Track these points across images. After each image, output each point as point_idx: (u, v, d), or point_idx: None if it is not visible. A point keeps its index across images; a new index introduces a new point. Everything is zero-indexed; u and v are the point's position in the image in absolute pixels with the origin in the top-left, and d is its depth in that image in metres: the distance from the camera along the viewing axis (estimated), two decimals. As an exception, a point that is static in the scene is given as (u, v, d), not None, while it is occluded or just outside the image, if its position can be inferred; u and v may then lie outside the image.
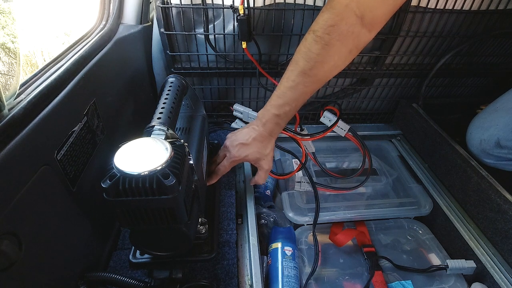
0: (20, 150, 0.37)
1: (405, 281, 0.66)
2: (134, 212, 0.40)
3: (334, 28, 0.50)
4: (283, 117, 0.60)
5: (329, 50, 0.52)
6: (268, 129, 0.61)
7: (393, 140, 1.01)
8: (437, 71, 0.89)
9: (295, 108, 0.60)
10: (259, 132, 0.62)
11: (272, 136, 0.63)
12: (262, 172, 0.65)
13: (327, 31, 0.51)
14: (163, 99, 0.52)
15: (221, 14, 0.75)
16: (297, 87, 0.56)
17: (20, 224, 0.37)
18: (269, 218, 0.74)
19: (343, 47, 0.53)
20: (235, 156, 0.63)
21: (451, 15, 0.78)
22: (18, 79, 0.40)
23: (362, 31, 0.52)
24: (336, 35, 0.51)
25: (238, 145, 0.63)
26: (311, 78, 0.55)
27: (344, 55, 0.54)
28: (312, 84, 0.56)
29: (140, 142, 0.42)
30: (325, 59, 0.53)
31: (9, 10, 0.43)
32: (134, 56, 0.76)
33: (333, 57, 0.53)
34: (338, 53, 0.53)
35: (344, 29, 0.50)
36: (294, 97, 0.57)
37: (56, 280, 0.45)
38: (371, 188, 0.85)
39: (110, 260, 0.57)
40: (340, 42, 0.52)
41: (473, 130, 0.80)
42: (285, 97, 0.57)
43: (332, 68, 0.55)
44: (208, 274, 0.55)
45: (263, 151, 0.63)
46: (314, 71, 0.54)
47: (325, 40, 0.51)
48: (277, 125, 0.61)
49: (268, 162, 0.64)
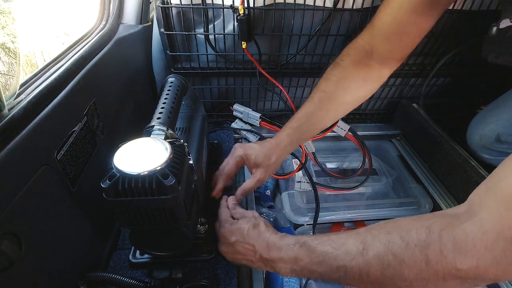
0: (20, 150, 0.37)
1: (405, 281, 0.66)
2: (133, 212, 0.40)
3: (347, 56, 0.60)
4: (295, 130, 0.62)
5: (343, 72, 0.60)
6: (278, 139, 0.63)
7: (393, 140, 1.00)
8: (437, 71, 0.89)
9: (308, 125, 0.61)
10: (269, 141, 0.64)
11: (279, 146, 0.62)
12: (254, 179, 0.62)
13: (343, 58, 0.61)
14: (162, 99, 0.52)
15: (221, 14, 0.75)
16: (312, 101, 0.61)
17: (20, 224, 0.37)
18: (269, 218, 0.74)
19: (355, 72, 0.60)
20: (240, 152, 0.62)
21: (451, 15, 0.78)
22: (18, 79, 0.40)
23: (373, 64, 0.59)
24: (349, 61, 0.60)
25: (246, 145, 0.64)
26: (327, 95, 0.60)
27: (357, 81, 0.60)
28: (327, 101, 0.60)
29: (139, 142, 0.42)
30: (340, 80, 0.60)
31: (9, 10, 0.43)
32: (134, 56, 0.76)
33: (347, 79, 0.60)
34: (352, 76, 0.60)
35: (357, 58, 0.59)
36: (308, 111, 0.61)
37: (56, 280, 0.45)
38: (371, 188, 0.85)
39: (110, 260, 0.57)
40: (354, 67, 0.60)
41: (473, 126, 0.80)
42: (299, 112, 0.62)
43: (347, 90, 0.61)
44: (208, 274, 0.55)
45: (268, 158, 0.61)
46: (330, 87, 0.60)
47: (340, 65, 0.60)
48: (287, 136, 0.62)
49: (265, 172, 0.62)
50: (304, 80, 0.90)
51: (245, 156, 0.62)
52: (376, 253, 0.37)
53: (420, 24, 0.52)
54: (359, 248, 0.38)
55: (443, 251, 0.32)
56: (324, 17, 0.76)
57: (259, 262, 0.47)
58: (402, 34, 0.54)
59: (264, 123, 0.89)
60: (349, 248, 0.39)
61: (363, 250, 0.38)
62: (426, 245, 0.33)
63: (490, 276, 0.31)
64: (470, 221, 0.32)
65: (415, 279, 0.34)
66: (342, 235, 0.42)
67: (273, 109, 0.97)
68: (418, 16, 0.51)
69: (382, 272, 0.36)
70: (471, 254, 0.31)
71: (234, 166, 0.62)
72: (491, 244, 0.30)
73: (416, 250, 0.34)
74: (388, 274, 0.36)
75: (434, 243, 0.33)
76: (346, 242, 0.40)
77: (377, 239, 0.38)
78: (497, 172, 0.33)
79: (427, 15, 0.51)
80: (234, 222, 0.51)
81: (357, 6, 0.75)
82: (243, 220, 0.50)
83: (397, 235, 0.36)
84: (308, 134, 0.64)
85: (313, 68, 0.86)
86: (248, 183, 0.62)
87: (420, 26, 0.53)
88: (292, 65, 0.86)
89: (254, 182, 0.61)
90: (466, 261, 0.31)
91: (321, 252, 0.41)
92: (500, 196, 0.31)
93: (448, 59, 0.86)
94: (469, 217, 0.33)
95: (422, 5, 0.50)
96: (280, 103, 0.95)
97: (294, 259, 0.43)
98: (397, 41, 0.55)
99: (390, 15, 0.53)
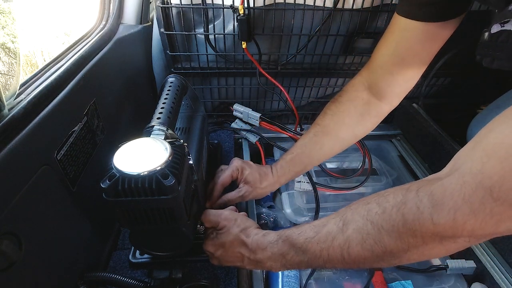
0: (20, 150, 0.37)
1: (405, 281, 0.66)
2: (133, 212, 0.40)
3: (345, 92, 0.62)
4: (288, 162, 0.63)
5: (340, 107, 0.61)
6: (273, 168, 0.64)
7: (393, 140, 1.00)
8: (437, 71, 0.89)
9: (301, 157, 0.62)
10: (267, 167, 0.65)
11: (272, 175, 0.63)
12: (238, 193, 0.62)
13: (340, 94, 0.62)
14: (162, 99, 0.52)
15: (221, 14, 0.75)
16: (308, 134, 0.63)
17: (20, 224, 0.37)
18: (269, 218, 0.74)
19: (352, 107, 0.61)
20: (238, 164, 0.63)
21: (451, 15, 0.78)
22: (18, 79, 0.40)
23: (372, 100, 0.60)
24: (346, 97, 0.61)
25: (245, 160, 0.66)
26: (321, 128, 0.62)
27: (354, 115, 0.61)
28: (322, 135, 0.61)
29: (139, 142, 0.42)
30: (336, 114, 0.61)
31: (9, 10, 0.43)
32: (134, 56, 0.76)
33: (343, 113, 0.61)
34: (348, 111, 0.61)
35: (353, 94, 0.61)
36: (303, 143, 0.63)
37: (56, 280, 0.45)
38: (371, 188, 0.85)
39: (110, 260, 0.57)
40: (350, 102, 0.61)
41: (473, 127, 0.80)
42: (295, 144, 0.64)
43: (342, 124, 0.61)
44: (208, 274, 0.55)
45: (259, 182, 0.62)
46: (325, 121, 0.62)
47: (337, 100, 0.62)
48: (281, 168, 0.63)
49: (251, 192, 0.62)
50: (304, 80, 0.90)
51: (241, 169, 0.63)
52: (355, 227, 0.36)
53: (422, 54, 0.52)
54: (339, 225, 0.38)
55: (419, 207, 0.31)
56: (324, 17, 0.76)
57: (250, 265, 0.48)
58: (404, 65, 0.53)
59: (264, 123, 0.89)
60: (330, 228, 0.39)
61: (343, 227, 0.38)
62: (402, 204, 0.33)
63: (467, 231, 0.29)
64: (450, 176, 0.31)
65: (395, 246, 0.33)
66: (324, 218, 0.41)
67: (273, 109, 0.97)
68: (419, 46, 0.51)
69: (362, 245, 0.35)
70: (447, 206, 0.29)
71: (229, 177, 0.63)
72: (469, 195, 0.28)
73: (393, 212, 0.33)
74: (368, 246, 0.35)
75: (411, 201, 0.32)
76: (327, 223, 0.40)
77: (356, 212, 0.37)
78: (486, 127, 0.31)
79: (430, 42, 0.50)
80: (215, 236, 0.51)
81: (357, 6, 0.75)
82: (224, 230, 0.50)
83: (374, 202, 0.36)
84: (302, 167, 0.64)
85: (313, 68, 0.86)
86: (231, 195, 0.62)
87: (422, 57, 0.52)
88: (292, 65, 0.86)
89: (237, 197, 0.62)
90: (442, 215, 0.29)
91: (303, 240, 0.41)
92: (485, 146, 0.29)
93: (448, 59, 0.86)
94: (450, 173, 0.31)
95: (423, 35, 0.49)
96: (280, 103, 0.95)
97: (280, 255, 0.44)
98: (398, 73, 0.54)
99: (388, 49, 0.53)
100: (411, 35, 0.50)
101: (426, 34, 0.49)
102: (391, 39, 0.53)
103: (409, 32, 0.50)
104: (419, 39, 0.50)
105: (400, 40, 0.51)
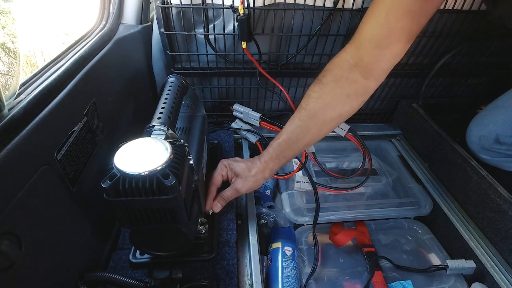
0: (20, 150, 0.37)
1: (405, 281, 0.66)
2: (134, 212, 0.40)
3: (329, 71, 0.59)
4: (275, 147, 0.62)
5: (324, 88, 0.58)
6: (261, 155, 0.63)
7: (393, 140, 1.00)
8: (437, 71, 0.89)
9: (288, 143, 0.61)
10: (254, 157, 0.65)
11: (259, 161, 0.62)
12: (232, 187, 0.62)
13: (324, 74, 0.59)
14: (163, 99, 0.52)
15: (221, 14, 0.75)
16: (293, 119, 0.61)
17: (20, 224, 0.37)
18: (269, 218, 0.74)
19: (337, 88, 0.58)
20: (225, 162, 0.64)
21: (451, 15, 0.78)
22: (18, 79, 0.40)
23: (358, 78, 0.57)
24: (330, 77, 0.58)
25: (231, 158, 0.66)
26: (306, 112, 0.59)
27: (340, 96, 0.58)
28: (307, 119, 0.60)
29: (140, 142, 0.42)
30: (321, 96, 0.58)
31: (9, 10, 0.43)
32: (134, 56, 0.76)
33: (328, 95, 0.58)
34: (333, 93, 0.58)
35: (338, 73, 0.58)
36: (289, 129, 0.61)
37: (56, 280, 0.45)
38: (371, 188, 0.85)
39: (110, 260, 0.57)
40: (335, 83, 0.58)
41: (472, 127, 0.80)
42: (282, 130, 0.62)
43: (328, 107, 0.59)
44: (208, 274, 0.55)
45: (248, 170, 0.62)
46: (310, 105, 0.59)
47: (321, 81, 0.59)
48: (267, 153, 0.62)
49: (243, 182, 0.62)
50: (304, 80, 0.90)
51: (228, 165, 0.63)
52: None
53: (411, 26, 0.51)
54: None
55: None
56: (324, 17, 0.76)
57: None
58: (392, 38, 0.52)
59: (264, 123, 0.89)
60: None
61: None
62: None
63: None
64: None
65: None
66: None
67: (273, 109, 0.97)
68: (409, 17, 0.50)
69: None
70: None
71: (219, 176, 0.63)
72: None
73: None
74: None
75: None
76: None
77: None
78: None
79: (419, 14, 0.50)
80: None
81: (357, 6, 0.75)
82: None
83: None
84: (290, 151, 0.62)
85: (313, 68, 0.86)
86: (226, 191, 0.62)
87: (412, 29, 0.51)
88: (292, 65, 0.86)
89: (231, 191, 0.61)
90: None
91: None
92: None
93: (448, 59, 0.86)
94: None
95: (413, 4, 0.48)
96: (280, 103, 0.95)
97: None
98: (387, 47, 0.53)
99: (377, 21, 0.52)
100: (402, 4, 0.49)
101: (418, 3, 0.49)
102: (381, 9, 0.51)
103: (399, 2, 0.49)
104: (410, 9, 0.49)
105: (389, 10, 0.50)
